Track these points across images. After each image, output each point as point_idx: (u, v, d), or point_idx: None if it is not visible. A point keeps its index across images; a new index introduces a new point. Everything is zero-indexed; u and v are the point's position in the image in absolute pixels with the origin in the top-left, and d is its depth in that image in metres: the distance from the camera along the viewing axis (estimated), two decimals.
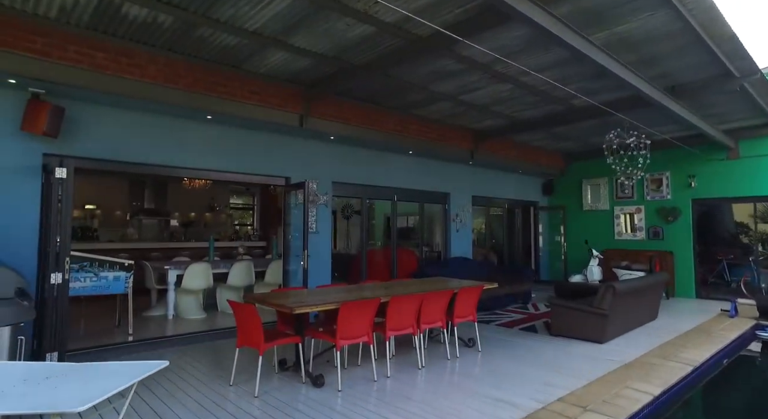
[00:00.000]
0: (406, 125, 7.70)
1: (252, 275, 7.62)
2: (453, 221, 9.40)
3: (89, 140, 5.09)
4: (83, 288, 5.43)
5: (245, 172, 6.42)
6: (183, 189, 12.63)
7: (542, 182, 11.88)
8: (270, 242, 11.32)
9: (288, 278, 6.81)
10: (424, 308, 4.81)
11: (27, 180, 4.69)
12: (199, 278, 7.00)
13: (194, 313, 6.98)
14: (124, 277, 5.71)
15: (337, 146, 7.46)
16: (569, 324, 5.85)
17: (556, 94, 6.63)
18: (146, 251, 9.48)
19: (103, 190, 11.49)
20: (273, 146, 6.69)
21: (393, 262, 8.36)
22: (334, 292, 4.84)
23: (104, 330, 6.08)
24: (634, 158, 6.34)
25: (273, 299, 4.23)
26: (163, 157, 5.64)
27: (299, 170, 6.94)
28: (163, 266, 6.91)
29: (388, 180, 8.24)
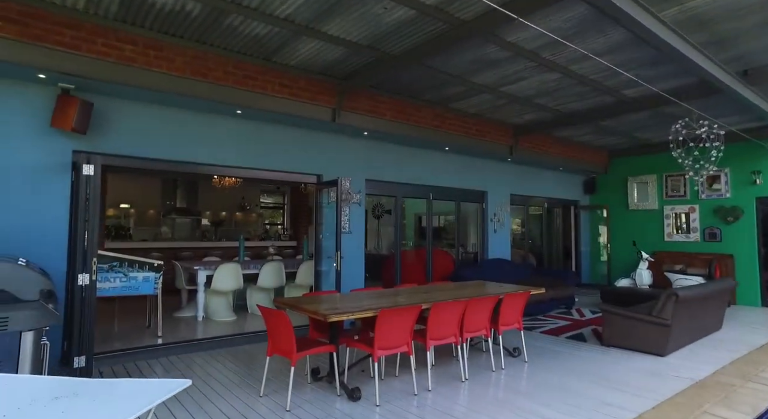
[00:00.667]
0: (443, 119, 7.31)
1: (282, 277, 7.40)
2: (491, 220, 8.95)
3: (117, 136, 4.94)
4: (113, 289, 5.30)
5: (276, 169, 6.18)
6: (214, 188, 12.60)
7: (584, 180, 11.26)
8: (300, 243, 11.13)
9: (320, 280, 6.54)
10: (468, 316, 4.43)
11: (57, 178, 4.57)
12: (229, 279, 6.82)
13: (224, 315, 6.80)
14: (154, 278, 5.56)
15: (371, 142, 7.15)
16: (624, 333, 5.35)
17: (607, 84, 6.12)
18: (178, 251, 9.43)
19: (137, 189, 11.58)
20: (305, 142, 6.43)
21: (428, 264, 7.99)
22: (370, 297, 4.52)
23: (134, 331, 5.96)
24: (704, 150, 5.75)
25: (305, 305, 3.94)
26: (191, 154, 5.46)
27: (331, 168, 6.66)
28: (192, 266, 6.76)
29: (423, 178, 7.87)
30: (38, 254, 4.32)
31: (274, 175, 6.25)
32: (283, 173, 6.31)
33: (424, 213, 12.24)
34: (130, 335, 5.77)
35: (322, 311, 3.64)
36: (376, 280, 7.95)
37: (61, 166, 4.58)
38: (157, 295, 5.63)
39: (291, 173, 6.38)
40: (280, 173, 6.30)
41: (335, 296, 4.58)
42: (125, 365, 4.81)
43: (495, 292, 4.92)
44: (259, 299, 7.39)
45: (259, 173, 6.11)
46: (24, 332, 3.04)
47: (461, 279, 7.16)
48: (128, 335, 5.78)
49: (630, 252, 10.19)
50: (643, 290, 7.81)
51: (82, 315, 4.08)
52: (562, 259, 11.18)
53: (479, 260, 8.99)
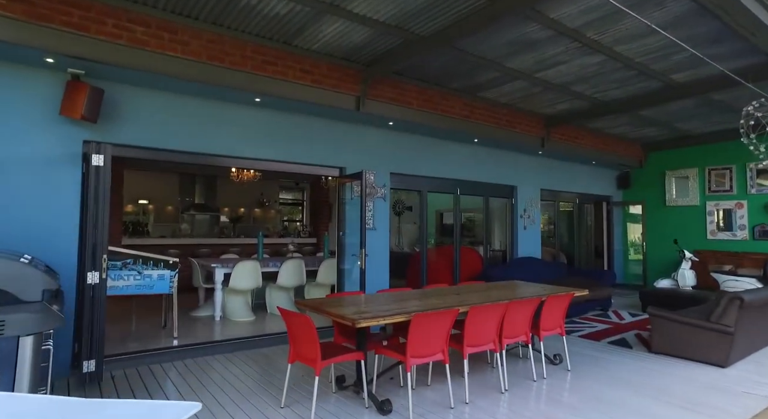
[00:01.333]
0: (472, 109, 6.88)
1: (303, 275, 7.08)
2: (520, 217, 8.48)
3: (130, 125, 4.65)
4: (127, 287, 5.04)
5: (297, 161, 5.84)
6: (232, 184, 12.38)
7: (617, 175, 10.67)
8: (320, 239, 10.82)
9: (342, 279, 6.20)
10: (508, 320, 4.02)
11: (67, 170, 4.30)
12: (248, 278, 6.52)
13: (242, 315, 6.51)
14: (169, 276, 5.28)
15: (396, 133, 6.77)
16: (677, 340, 4.87)
17: (654, 68, 5.61)
18: (195, 248, 9.21)
19: (155, 185, 11.43)
20: (327, 133, 6.08)
21: (456, 262, 7.57)
22: (400, 299, 4.14)
23: (150, 331, 5.70)
24: None
25: (331, 308, 3.59)
26: (208, 145, 5.15)
27: (355, 160, 6.30)
28: (210, 264, 6.48)
29: (450, 172, 7.46)
30: (48, 250, 4.07)
31: (294, 168, 5.92)
32: (304, 165, 5.98)
33: (446, 209, 11.82)
34: (146, 335, 5.52)
35: (350, 315, 3.28)
36: (399, 279, 7.58)
37: (71, 157, 4.31)
38: (172, 294, 5.35)
39: (312, 165, 6.04)
40: (301, 166, 5.96)
41: (361, 298, 4.21)
42: (138, 368, 4.54)
43: (535, 294, 4.49)
44: (279, 299, 7.09)
45: (279, 165, 5.78)
46: (22, 337, 2.75)
47: (491, 279, 6.73)
48: (143, 335, 5.52)
49: (667, 251, 9.60)
50: (689, 293, 7.26)
51: (91, 316, 3.80)
52: (593, 258, 10.63)
53: (508, 258, 8.54)
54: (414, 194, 7.46)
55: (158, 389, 3.97)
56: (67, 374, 4.14)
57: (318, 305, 3.70)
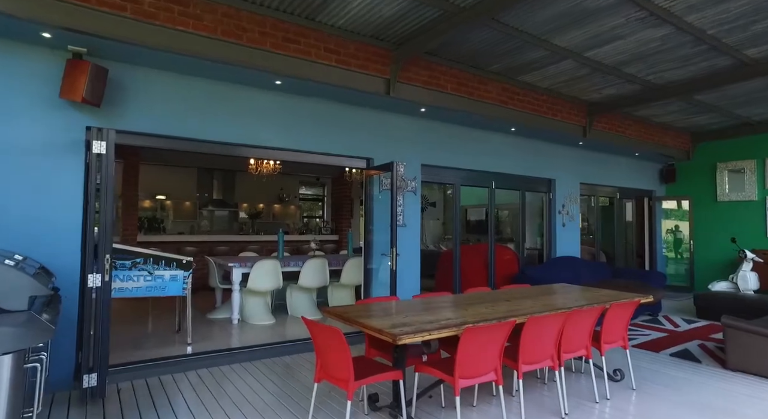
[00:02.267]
0: (510, 94, 6.27)
1: (326, 275, 6.59)
2: (559, 213, 7.83)
3: (136, 110, 4.20)
4: (136, 289, 4.61)
5: (320, 151, 5.33)
6: (251, 179, 12.00)
7: (660, 168, 9.90)
8: (343, 236, 10.34)
9: (369, 280, 5.68)
10: (567, 331, 3.44)
11: (68, 160, 3.87)
12: (267, 278, 6.05)
13: (261, 318, 6.05)
14: (182, 276, 4.84)
15: (428, 121, 6.21)
16: (761, 356, 4.21)
17: (727, 41, 4.91)
18: (213, 245, 8.82)
19: (172, 180, 11.12)
20: (353, 120, 5.56)
21: (491, 262, 6.98)
22: (440, 306, 3.60)
23: (163, 337, 5.28)
24: None
25: (364, 318, 3.06)
26: (222, 132, 4.68)
27: (383, 151, 5.76)
28: (227, 262, 6.03)
29: (485, 163, 6.86)
30: (47, 249, 3.65)
31: (317, 158, 5.40)
32: (327, 156, 5.46)
33: (471, 206, 11.20)
34: (158, 340, 5.09)
35: (388, 329, 2.74)
36: (426, 279, 7.03)
37: (73, 145, 3.87)
38: (186, 296, 4.91)
39: (337, 156, 5.52)
40: (325, 156, 5.45)
41: (396, 305, 3.68)
42: (148, 379, 4.10)
43: (594, 300, 3.89)
44: (300, 301, 6.61)
45: (300, 155, 5.28)
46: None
47: (529, 281, 6.14)
48: (156, 340, 5.10)
49: (719, 250, 8.83)
50: (753, 297, 6.53)
51: (93, 324, 3.36)
52: (633, 257, 9.89)
53: (545, 257, 7.90)
54: (436, 189, 6.89)
55: (167, 406, 3.51)
56: (71, 387, 3.73)
57: (348, 315, 3.17)
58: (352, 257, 6.97)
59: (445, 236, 16.12)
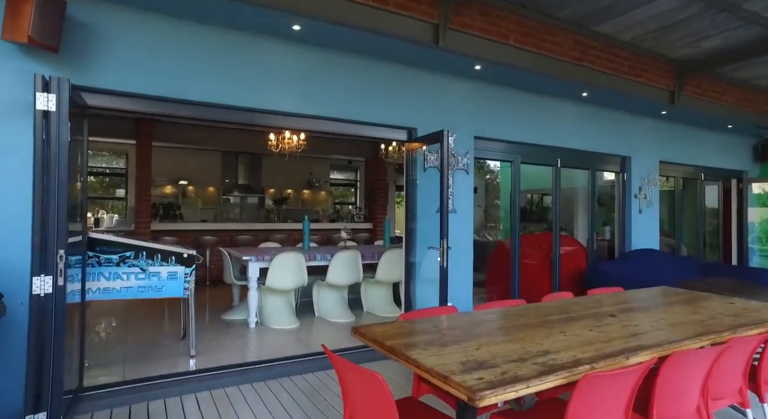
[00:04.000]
0: (585, 49, 5.02)
1: (359, 271, 5.59)
2: (635, 197, 6.53)
3: (115, 62, 3.25)
4: (126, 290, 3.73)
5: (351, 119, 4.29)
6: (278, 163, 11.17)
7: (755, 144, 8.34)
8: (378, 225, 9.33)
9: (412, 277, 4.64)
10: (716, 370, 2.29)
11: (16, 123, 2.96)
12: (289, 275, 5.11)
13: (283, 321, 5.13)
14: (183, 274, 3.93)
15: (483, 84, 5.06)
16: None
17: None
18: (234, 234, 7.99)
19: (195, 164, 10.39)
20: (392, 81, 4.49)
21: (555, 257, 5.80)
22: (520, 326, 2.51)
23: (163, 345, 4.42)
24: None
25: (417, 352, 2.01)
26: (229, 93, 3.69)
27: (429, 119, 4.67)
28: (242, 255, 5.11)
29: (550, 137, 5.65)
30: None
31: (349, 128, 4.36)
32: (361, 125, 4.41)
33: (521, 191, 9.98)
34: (156, 352, 4.24)
35: (459, 378, 1.69)
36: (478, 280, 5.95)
37: (19, 105, 2.95)
38: (188, 298, 4.01)
39: (372, 125, 4.46)
40: (358, 126, 4.40)
41: (458, 324, 2.61)
42: (134, 406, 3.21)
43: (746, 318, 2.70)
44: (329, 300, 5.65)
45: (327, 124, 4.25)
46: None
47: (605, 279, 5.00)
48: (153, 352, 4.25)
49: None
50: None
51: (39, 346, 2.46)
52: (720, 250, 8.43)
53: (617, 250, 6.63)
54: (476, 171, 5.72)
55: None
56: None
57: (393, 344, 2.13)
58: (389, 248, 5.94)
59: (487, 225, 14.90)
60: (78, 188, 3.18)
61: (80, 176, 3.17)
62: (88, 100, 3.16)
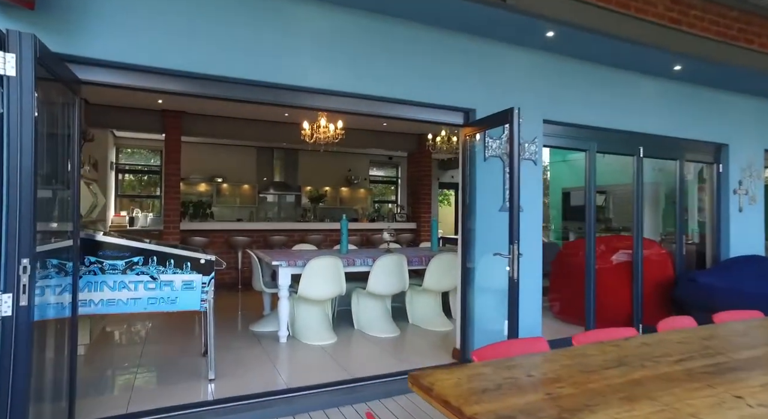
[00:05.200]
0: (684, 10, 4.08)
1: (405, 278, 4.87)
2: (734, 192, 5.46)
3: (105, 26, 2.66)
4: (133, 302, 3.16)
5: (394, 98, 3.56)
6: (316, 159, 10.64)
7: None
8: (422, 225, 8.57)
9: (469, 286, 3.86)
10: None
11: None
12: (324, 283, 4.45)
13: (318, 335, 4.47)
14: (200, 283, 3.33)
15: (554, 57, 4.22)
16: None
17: None
18: (268, 234, 7.45)
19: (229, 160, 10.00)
20: (445, 53, 3.73)
21: (637, 265, 4.86)
22: (658, 380, 1.70)
23: (181, 364, 3.84)
24: None
25: None
26: (248, 66, 3.04)
27: (489, 99, 3.89)
28: (272, 259, 4.48)
29: (631, 121, 4.73)
30: None
31: (392, 110, 3.64)
32: (407, 105, 3.67)
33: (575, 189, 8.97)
34: (172, 373, 3.66)
35: None
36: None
37: None
38: (206, 312, 3.40)
39: (419, 105, 3.72)
40: (403, 107, 3.67)
41: (560, 370, 1.83)
42: None
43: None
44: (370, 311, 4.95)
45: (363, 104, 3.54)
46: None
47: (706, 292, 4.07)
48: (169, 372, 3.68)
49: None
50: None
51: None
52: None
53: (710, 256, 5.58)
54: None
55: None
56: None
57: (476, 412, 1.37)
58: (439, 252, 5.18)
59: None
60: (69, 181, 2.61)
61: (71, 167, 2.60)
62: (81, 74, 2.58)
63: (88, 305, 3.03)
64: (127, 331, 4.76)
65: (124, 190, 10.26)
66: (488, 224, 3.83)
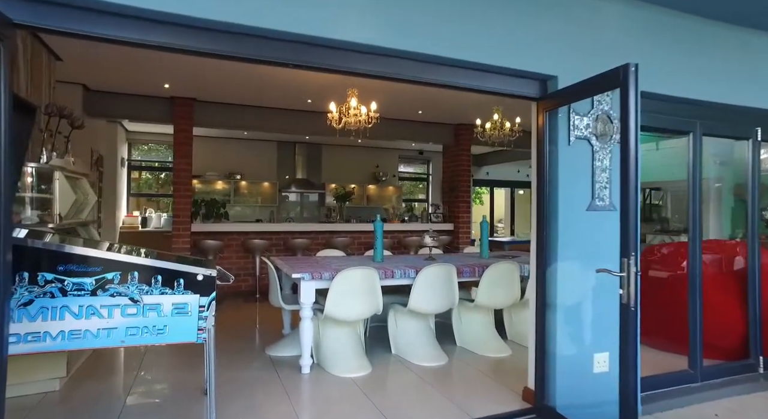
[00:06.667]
0: None
1: (454, 293, 3.96)
2: None
3: None
4: (106, 332, 2.35)
5: (449, 59, 2.65)
6: (340, 155, 9.85)
7: None
8: (460, 226, 7.64)
9: (547, 305, 2.93)
10: None
11: None
12: (357, 299, 3.59)
13: (347, 365, 3.60)
14: (196, 307, 2.50)
15: (651, 9, 3.25)
16: None
17: None
18: (288, 236, 6.64)
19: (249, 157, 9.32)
20: (511, 3, 2.82)
21: (753, 277, 3.83)
22: None
23: (174, 408, 3.04)
24: None
25: None
26: (261, 13, 2.20)
27: (573, 63, 2.96)
28: (292, 270, 3.63)
29: (745, 93, 3.71)
30: None
31: (437, 72, 2.74)
32: (462, 69, 2.77)
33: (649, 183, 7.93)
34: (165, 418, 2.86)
35: None
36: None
37: None
38: (205, 344, 2.57)
39: (478, 69, 2.81)
40: (452, 69, 2.76)
41: None
42: None
43: None
44: (410, 330, 4.07)
45: (410, 67, 2.65)
46: None
47: None
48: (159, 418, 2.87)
49: None
50: None
51: None
52: None
53: None
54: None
55: None
56: None
57: None
58: (495, 261, 4.25)
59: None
60: None
61: None
62: (12, 12, 1.79)
63: (42, 340, 2.23)
64: (115, 359, 3.99)
65: (140, 189, 9.67)
66: (573, 228, 2.91)
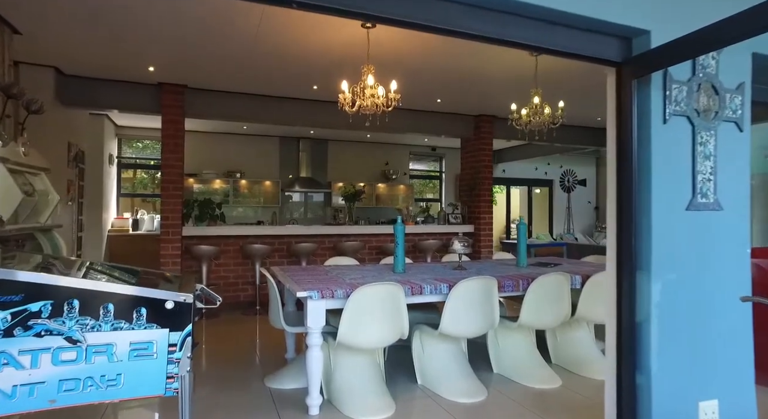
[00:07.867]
0: None
1: (495, 311, 3.24)
2: None
3: None
4: (27, 392, 1.64)
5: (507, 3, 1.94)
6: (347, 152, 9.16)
7: None
8: (481, 228, 6.92)
9: (638, 328, 2.20)
10: None
11: None
12: (377, 322, 2.87)
13: (366, 404, 2.87)
14: (165, 345, 1.79)
15: None
16: None
17: None
18: (292, 240, 5.94)
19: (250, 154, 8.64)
20: None
21: None
22: None
23: None
24: None
25: None
26: None
27: (667, 15, 2.22)
28: (296, 287, 2.91)
29: None
30: None
31: (492, 22, 2.01)
32: (521, 17, 2.05)
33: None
34: None
35: None
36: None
37: None
38: (181, 397, 1.85)
39: (544, 21, 2.09)
40: (515, 19, 2.04)
41: None
42: None
43: None
44: (438, 357, 3.35)
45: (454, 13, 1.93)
46: None
47: None
48: None
49: None
50: None
51: None
52: None
53: None
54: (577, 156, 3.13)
55: None
56: None
57: None
58: (539, 271, 3.53)
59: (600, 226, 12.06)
60: None
61: None
62: None
63: None
64: None
65: (135, 189, 8.99)
66: (668, 232, 2.19)
